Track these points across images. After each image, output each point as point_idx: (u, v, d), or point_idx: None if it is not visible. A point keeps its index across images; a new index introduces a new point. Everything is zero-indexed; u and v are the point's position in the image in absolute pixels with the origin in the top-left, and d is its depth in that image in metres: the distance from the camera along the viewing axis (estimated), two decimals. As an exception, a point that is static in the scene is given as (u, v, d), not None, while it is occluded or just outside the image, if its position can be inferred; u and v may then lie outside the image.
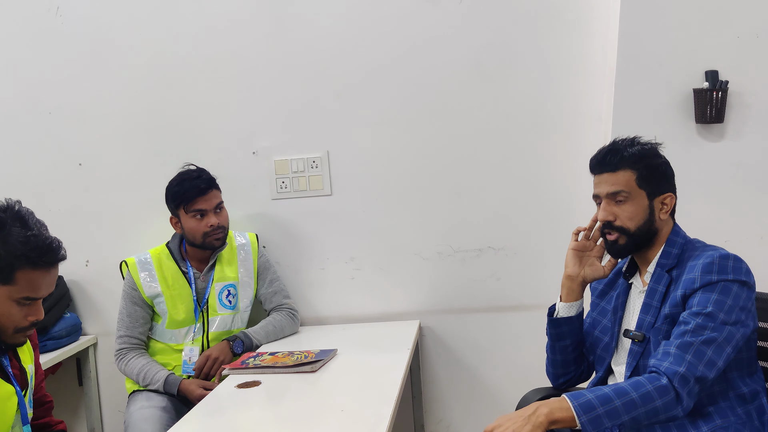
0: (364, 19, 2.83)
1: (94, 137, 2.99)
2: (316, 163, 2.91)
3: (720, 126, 2.56)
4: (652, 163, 1.85)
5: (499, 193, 2.84)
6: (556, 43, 2.75)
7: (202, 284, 2.70)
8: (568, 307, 2.02)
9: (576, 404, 1.59)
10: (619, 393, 1.61)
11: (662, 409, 1.61)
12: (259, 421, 1.99)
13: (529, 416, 1.60)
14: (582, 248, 2.02)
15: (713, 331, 1.66)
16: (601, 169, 1.87)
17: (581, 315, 2.04)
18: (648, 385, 1.62)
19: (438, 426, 2.99)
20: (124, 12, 2.92)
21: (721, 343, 1.66)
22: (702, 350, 1.65)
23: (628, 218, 1.83)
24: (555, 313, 2.03)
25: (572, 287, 2.01)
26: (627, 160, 1.83)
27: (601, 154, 1.88)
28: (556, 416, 1.59)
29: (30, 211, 1.65)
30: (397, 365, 2.30)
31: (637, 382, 1.64)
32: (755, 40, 2.53)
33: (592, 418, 1.58)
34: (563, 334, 2.03)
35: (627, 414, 1.60)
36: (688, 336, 1.67)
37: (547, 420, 1.59)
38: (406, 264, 2.92)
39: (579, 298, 2.02)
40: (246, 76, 2.90)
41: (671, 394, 1.62)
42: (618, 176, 1.84)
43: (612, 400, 1.60)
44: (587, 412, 1.58)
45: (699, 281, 1.72)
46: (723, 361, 1.66)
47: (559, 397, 1.63)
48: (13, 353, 1.77)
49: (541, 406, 1.61)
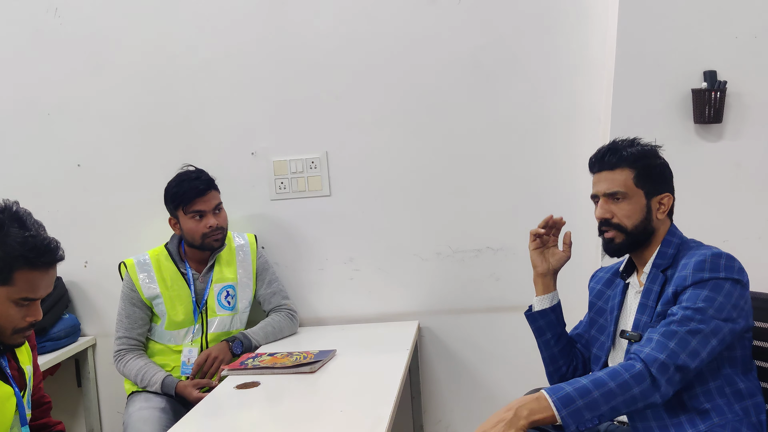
0: (362, 19, 2.83)
1: (92, 138, 2.99)
2: (315, 163, 2.91)
3: (718, 126, 2.57)
4: (651, 163, 1.86)
5: (498, 193, 2.84)
6: (555, 44, 2.75)
7: (201, 285, 2.70)
8: (540, 300, 2.07)
9: (555, 399, 1.58)
10: (597, 383, 1.60)
11: (640, 396, 1.61)
12: (258, 421, 1.99)
13: (510, 421, 1.56)
14: (541, 244, 2.09)
15: (700, 323, 1.66)
16: (600, 167, 1.89)
17: (557, 307, 2.07)
18: (624, 373, 1.62)
19: (437, 426, 2.99)
20: (122, 13, 2.92)
21: (707, 335, 1.65)
22: (686, 339, 1.64)
23: (625, 216, 1.84)
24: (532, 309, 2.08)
25: (544, 282, 2.07)
26: (626, 159, 1.85)
27: (600, 153, 1.90)
28: (536, 417, 1.57)
29: (28, 212, 1.65)
30: (396, 366, 2.30)
31: (614, 371, 1.63)
32: (753, 40, 2.53)
33: (572, 412, 1.56)
34: (542, 329, 2.06)
35: (606, 404, 1.58)
36: (674, 325, 1.67)
37: (527, 423, 1.57)
38: (405, 264, 2.92)
39: (551, 290, 2.07)
40: (244, 77, 2.90)
41: (647, 381, 1.61)
42: (616, 175, 1.85)
43: (591, 391, 1.59)
44: (567, 405, 1.57)
45: (690, 278, 1.73)
46: (707, 353, 1.66)
47: (537, 393, 1.61)
48: (11, 354, 1.77)
49: (521, 407, 1.58)
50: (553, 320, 2.05)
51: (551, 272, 2.07)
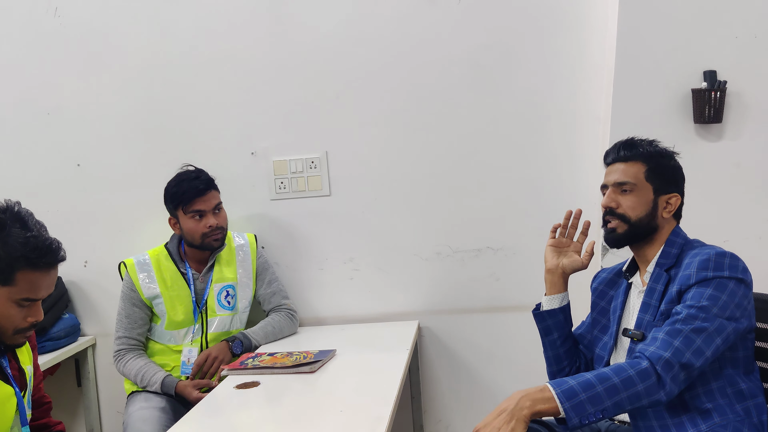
0: (362, 19, 2.83)
1: (92, 138, 2.99)
2: (315, 163, 2.91)
3: (718, 126, 2.57)
4: (665, 162, 1.89)
5: (498, 193, 2.84)
6: (555, 44, 2.76)
7: (201, 285, 2.70)
8: (550, 299, 2.06)
9: (559, 391, 1.58)
10: (601, 378, 1.60)
11: (644, 393, 1.61)
12: (258, 421, 1.99)
13: (512, 411, 1.57)
14: (558, 245, 2.09)
15: (705, 322, 1.66)
16: (615, 159, 1.92)
17: (566, 308, 2.07)
18: (630, 369, 1.62)
19: (437, 426, 2.99)
20: (122, 13, 2.92)
21: (712, 333, 1.66)
22: (691, 337, 1.65)
23: (630, 207, 1.86)
24: (540, 308, 2.08)
25: (553, 280, 2.06)
26: (641, 154, 1.88)
27: (617, 146, 1.92)
28: (538, 408, 1.58)
29: (29, 212, 1.65)
30: (396, 366, 2.30)
31: (619, 367, 1.64)
32: (753, 40, 2.53)
33: (575, 405, 1.56)
34: (549, 328, 2.06)
35: (609, 399, 1.58)
36: (679, 324, 1.67)
37: (530, 413, 1.58)
38: (405, 264, 2.92)
39: (562, 291, 2.06)
40: (244, 77, 2.90)
41: (652, 378, 1.61)
42: (628, 167, 1.88)
43: (594, 385, 1.59)
44: (570, 398, 1.57)
45: (694, 277, 1.73)
46: (712, 352, 1.66)
47: (542, 385, 1.61)
48: (12, 354, 1.77)
49: (523, 398, 1.59)
50: (562, 321, 2.05)
51: (560, 272, 2.06)
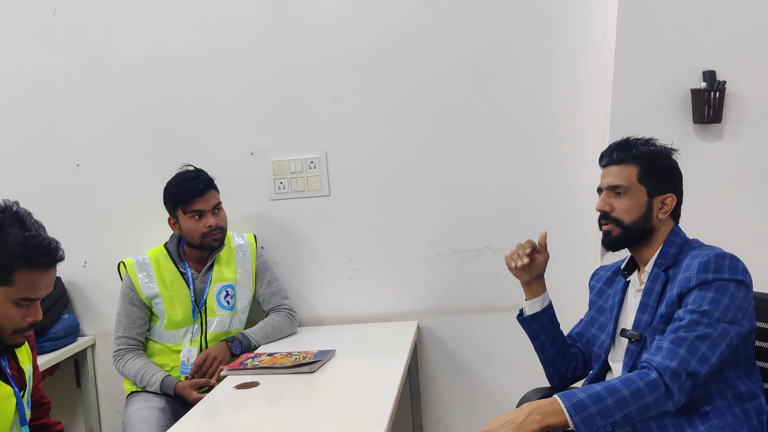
0: (362, 19, 2.83)
1: (91, 138, 2.99)
2: (315, 163, 2.91)
3: (717, 126, 2.57)
4: (658, 163, 1.88)
5: (497, 193, 2.84)
6: (554, 44, 2.75)
7: (201, 285, 2.70)
8: (531, 304, 2.07)
9: (568, 405, 1.59)
10: (610, 391, 1.61)
11: (653, 404, 1.61)
12: (258, 422, 1.98)
13: (521, 424, 1.58)
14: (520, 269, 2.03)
15: (708, 327, 1.66)
16: (608, 161, 1.91)
17: (549, 309, 2.07)
18: (639, 381, 1.62)
19: (436, 426, 2.99)
20: (122, 13, 2.92)
21: (716, 340, 1.66)
22: (695, 345, 1.65)
23: (624, 211, 1.86)
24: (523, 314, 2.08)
25: (531, 289, 2.07)
26: (633, 156, 1.87)
27: (611, 148, 1.92)
28: (548, 422, 1.58)
29: (28, 212, 1.65)
30: (395, 366, 2.30)
31: (628, 378, 1.64)
32: (752, 40, 2.53)
33: (585, 418, 1.57)
34: (536, 332, 2.06)
35: (619, 411, 1.59)
36: (682, 331, 1.67)
37: (540, 427, 1.58)
38: (405, 264, 2.92)
39: (541, 293, 2.07)
40: (244, 77, 2.90)
41: (661, 389, 1.61)
42: (621, 170, 1.87)
43: (604, 398, 1.59)
44: (579, 412, 1.58)
45: (695, 280, 1.73)
46: (716, 358, 1.66)
47: (551, 398, 1.62)
48: (11, 354, 1.77)
49: (534, 411, 1.60)
50: (546, 323, 2.06)
51: (535, 279, 2.06)
